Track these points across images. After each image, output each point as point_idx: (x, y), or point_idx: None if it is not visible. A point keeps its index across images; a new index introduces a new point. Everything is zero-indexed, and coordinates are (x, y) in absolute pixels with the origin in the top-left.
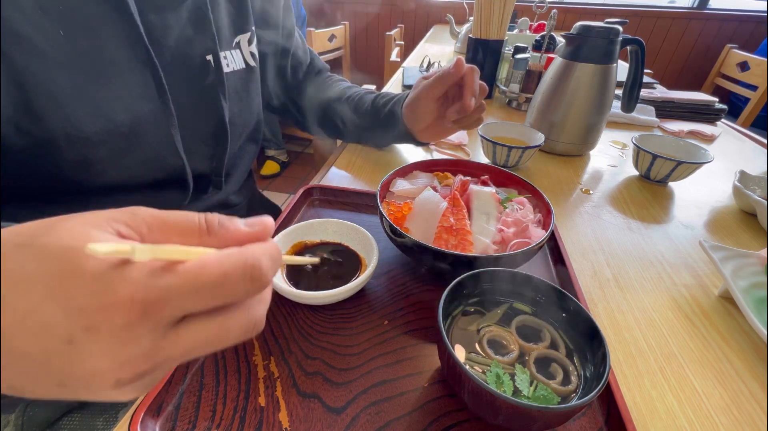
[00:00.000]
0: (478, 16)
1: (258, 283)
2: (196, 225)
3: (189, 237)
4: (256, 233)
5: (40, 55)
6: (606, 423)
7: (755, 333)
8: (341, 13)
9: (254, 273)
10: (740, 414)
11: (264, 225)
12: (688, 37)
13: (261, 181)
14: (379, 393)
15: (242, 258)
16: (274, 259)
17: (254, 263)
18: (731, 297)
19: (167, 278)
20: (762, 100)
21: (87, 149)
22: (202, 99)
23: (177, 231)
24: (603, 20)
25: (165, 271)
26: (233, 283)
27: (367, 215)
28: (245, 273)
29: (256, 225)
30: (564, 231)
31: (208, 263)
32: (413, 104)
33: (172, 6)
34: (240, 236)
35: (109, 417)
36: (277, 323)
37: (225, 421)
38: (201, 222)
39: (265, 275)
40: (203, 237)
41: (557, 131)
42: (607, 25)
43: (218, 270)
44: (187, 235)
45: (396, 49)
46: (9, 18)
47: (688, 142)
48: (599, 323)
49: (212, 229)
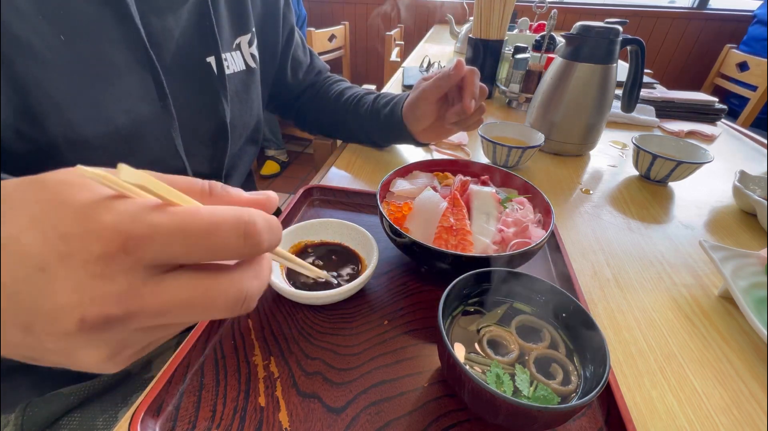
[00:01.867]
0: (478, 16)
1: (251, 242)
2: (198, 186)
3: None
4: (258, 200)
5: (40, 60)
6: (606, 423)
7: (755, 333)
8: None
9: (248, 229)
10: (740, 414)
11: (267, 196)
12: (688, 37)
13: (261, 181)
14: (379, 393)
15: (237, 213)
16: (272, 227)
17: (249, 220)
18: (731, 297)
19: (156, 215)
20: (762, 100)
21: (88, 153)
22: (202, 101)
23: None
24: (603, 20)
25: (155, 210)
26: (225, 235)
27: (367, 215)
28: (239, 227)
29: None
30: (564, 231)
31: (202, 210)
32: (413, 105)
33: (173, 8)
34: (241, 201)
35: (109, 417)
36: (277, 323)
37: (225, 421)
38: (204, 185)
39: (259, 234)
40: (204, 197)
41: (557, 131)
42: (607, 25)
43: (210, 219)
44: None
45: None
46: (9, 23)
47: (688, 142)
48: (599, 323)
49: (215, 191)
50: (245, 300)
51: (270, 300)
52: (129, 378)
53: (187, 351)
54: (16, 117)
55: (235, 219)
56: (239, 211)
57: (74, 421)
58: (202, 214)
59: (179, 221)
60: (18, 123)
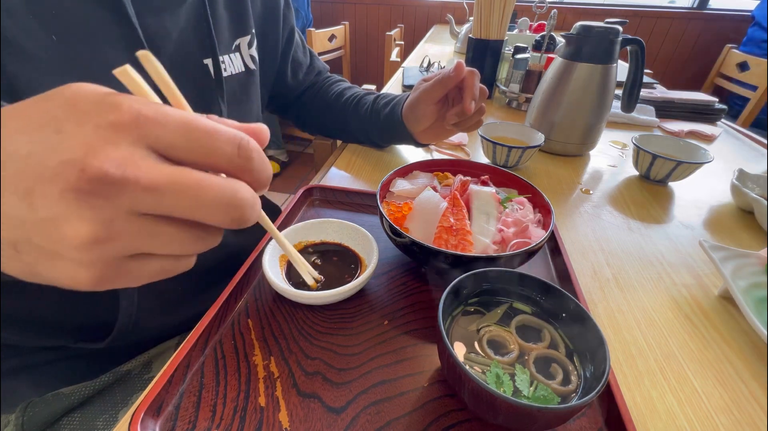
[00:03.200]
0: (478, 16)
1: (244, 153)
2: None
3: None
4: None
5: (32, 61)
6: (606, 423)
7: (755, 333)
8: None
9: (242, 143)
10: (740, 414)
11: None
12: (688, 37)
13: None
14: (379, 393)
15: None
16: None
17: (243, 135)
18: (731, 297)
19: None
20: (762, 100)
21: None
22: (200, 103)
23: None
24: (603, 20)
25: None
26: (222, 141)
27: (367, 215)
28: (235, 138)
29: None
30: (564, 231)
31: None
32: (413, 106)
33: (170, 9)
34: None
35: (109, 417)
36: (277, 323)
37: (225, 421)
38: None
39: (251, 150)
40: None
41: (557, 131)
42: (607, 25)
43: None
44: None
45: (396, 49)
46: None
47: (688, 142)
48: (599, 323)
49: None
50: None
51: (270, 300)
52: (129, 378)
53: (187, 351)
54: None
55: (233, 133)
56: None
57: (74, 421)
58: (205, 120)
59: (187, 117)
60: None
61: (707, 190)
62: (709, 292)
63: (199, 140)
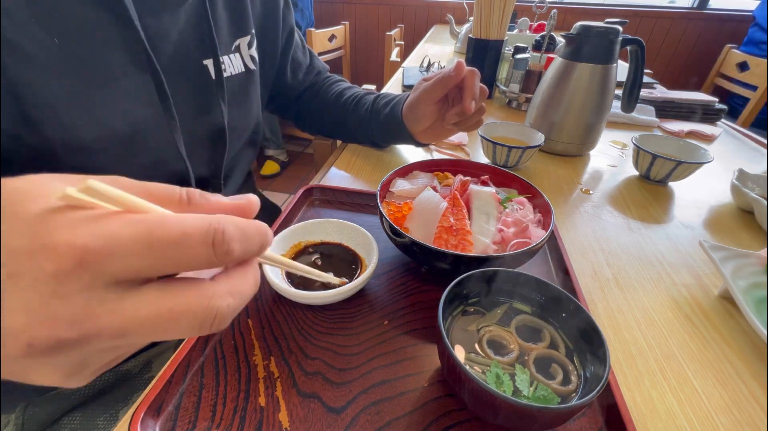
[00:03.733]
0: (478, 16)
1: (219, 251)
2: (177, 195)
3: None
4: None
5: (34, 64)
6: (606, 423)
7: (755, 333)
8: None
9: (216, 239)
10: (740, 414)
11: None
12: (688, 37)
13: (261, 180)
14: (379, 393)
15: (206, 221)
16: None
17: (218, 227)
18: (731, 297)
19: (117, 226)
20: (762, 100)
21: (86, 157)
22: (200, 104)
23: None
24: (603, 20)
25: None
26: (192, 245)
27: (367, 215)
28: (207, 235)
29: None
30: (564, 231)
31: (167, 219)
32: (413, 106)
33: (170, 9)
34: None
35: (109, 417)
36: (277, 323)
37: (225, 421)
38: (182, 193)
39: (227, 243)
40: (182, 206)
41: (557, 131)
42: (607, 25)
43: (177, 228)
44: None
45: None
46: (1, 27)
47: (688, 142)
48: (599, 323)
49: (193, 199)
50: (215, 319)
51: (270, 300)
52: (129, 378)
53: (187, 351)
54: (11, 122)
55: (204, 228)
56: (208, 219)
57: (75, 421)
58: (168, 223)
59: (142, 231)
60: (14, 128)
61: (707, 190)
62: (709, 292)
63: (165, 256)
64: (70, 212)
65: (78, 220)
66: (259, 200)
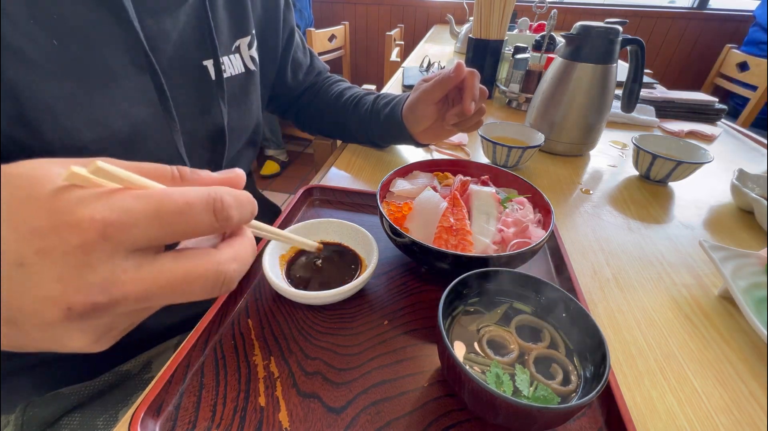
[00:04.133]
0: (478, 16)
1: (221, 216)
2: (169, 172)
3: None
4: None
5: (32, 66)
6: (606, 423)
7: (755, 333)
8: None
9: (216, 206)
10: (740, 414)
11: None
12: (688, 37)
13: (261, 180)
14: (379, 393)
15: (206, 191)
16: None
17: (216, 197)
18: (731, 297)
19: (130, 201)
20: (762, 100)
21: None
22: (200, 105)
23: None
24: (603, 20)
25: (127, 194)
26: (196, 213)
27: (367, 215)
28: (208, 204)
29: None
30: (564, 231)
31: (171, 191)
32: (413, 106)
33: (170, 10)
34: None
35: (109, 417)
36: (277, 323)
37: (225, 421)
38: (174, 171)
39: (227, 209)
40: (176, 182)
41: (557, 131)
42: (607, 25)
43: (181, 199)
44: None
45: (396, 49)
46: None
47: (688, 142)
48: (599, 323)
49: (185, 176)
50: (224, 282)
51: (270, 300)
52: (129, 378)
53: (187, 351)
54: (11, 125)
55: (205, 198)
56: (207, 190)
57: (74, 421)
58: (173, 195)
59: (152, 203)
60: (13, 130)
61: (707, 190)
62: (709, 292)
63: (173, 224)
64: (80, 190)
65: (92, 197)
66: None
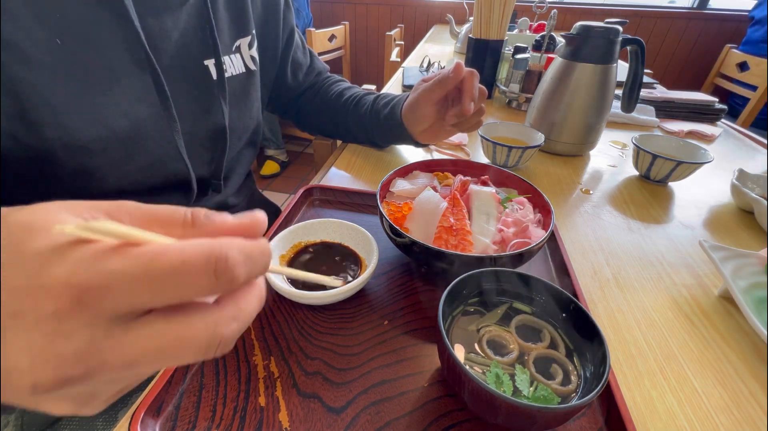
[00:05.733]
0: (478, 16)
1: (223, 278)
2: (181, 216)
3: (172, 228)
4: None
5: (35, 65)
6: (606, 423)
7: (755, 333)
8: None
9: (219, 266)
10: (740, 414)
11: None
12: (688, 37)
13: (261, 181)
14: (379, 393)
15: (207, 248)
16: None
17: (220, 254)
18: (731, 297)
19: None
20: (762, 100)
21: (86, 158)
22: (201, 104)
23: (160, 223)
24: (603, 20)
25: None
26: (193, 274)
27: (367, 215)
28: (209, 263)
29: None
30: (564, 231)
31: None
32: (413, 107)
33: (171, 9)
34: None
35: (109, 417)
36: (277, 323)
37: (225, 421)
38: (186, 215)
39: (231, 270)
40: (187, 228)
41: (557, 131)
42: (607, 25)
43: (178, 257)
44: (170, 227)
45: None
46: (3, 28)
47: (688, 142)
48: (599, 323)
49: (197, 221)
50: (220, 344)
51: (270, 300)
52: None
53: None
54: (11, 123)
55: (205, 256)
56: (210, 246)
57: (74, 421)
58: (168, 254)
59: (142, 264)
60: (14, 129)
61: (707, 190)
62: (709, 292)
63: (164, 286)
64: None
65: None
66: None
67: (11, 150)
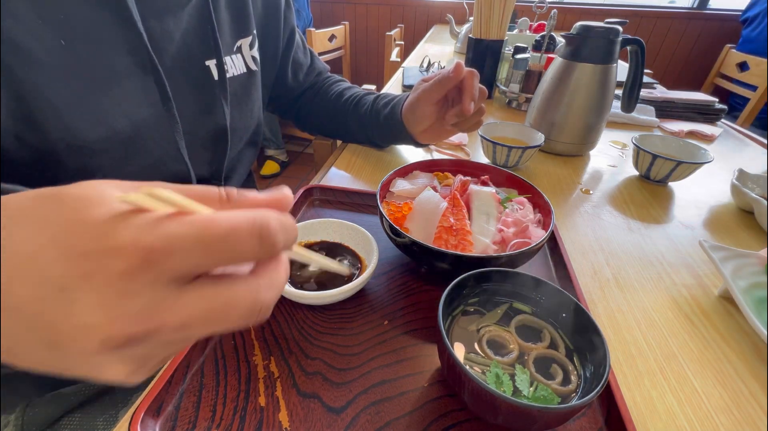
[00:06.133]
0: (478, 16)
1: (266, 243)
2: (216, 194)
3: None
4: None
5: (39, 66)
6: (606, 423)
7: (755, 333)
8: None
9: (262, 232)
10: (740, 414)
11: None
12: (688, 37)
13: (261, 181)
14: (379, 393)
15: (251, 217)
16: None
17: (262, 223)
18: (731, 297)
19: (174, 227)
20: (762, 100)
21: (88, 158)
22: (202, 104)
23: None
24: (603, 20)
25: (173, 220)
26: (241, 239)
27: (367, 215)
28: (253, 230)
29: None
30: (564, 231)
31: (216, 216)
32: (413, 106)
33: (173, 10)
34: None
35: (109, 417)
36: (277, 323)
37: (225, 421)
38: (221, 192)
39: (273, 235)
40: (223, 204)
41: (557, 131)
42: (607, 25)
43: (226, 224)
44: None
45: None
46: (8, 29)
47: (688, 142)
48: (599, 323)
49: (231, 197)
50: (260, 310)
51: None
52: None
53: (187, 351)
54: (15, 124)
55: (250, 223)
56: (253, 215)
57: (74, 421)
58: (218, 221)
59: (197, 230)
60: (18, 130)
61: (707, 190)
62: (709, 292)
63: (218, 251)
64: (132, 216)
65: (139, 223)
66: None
67: (15, 151)
